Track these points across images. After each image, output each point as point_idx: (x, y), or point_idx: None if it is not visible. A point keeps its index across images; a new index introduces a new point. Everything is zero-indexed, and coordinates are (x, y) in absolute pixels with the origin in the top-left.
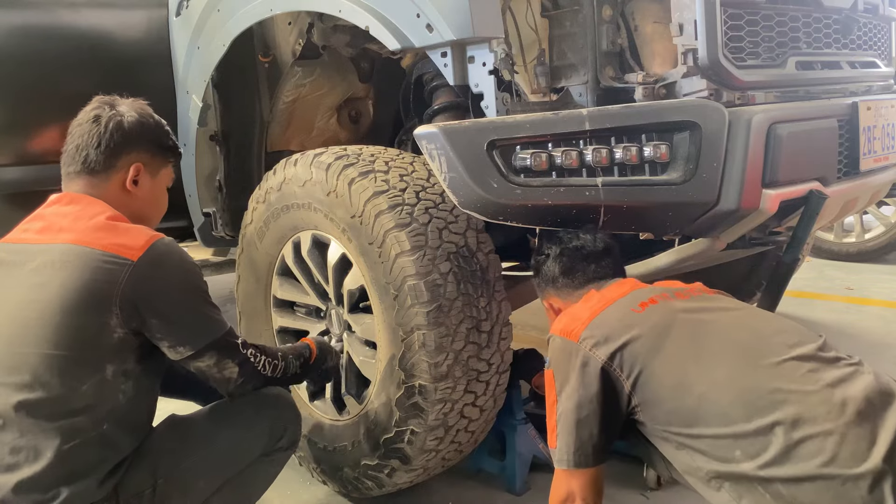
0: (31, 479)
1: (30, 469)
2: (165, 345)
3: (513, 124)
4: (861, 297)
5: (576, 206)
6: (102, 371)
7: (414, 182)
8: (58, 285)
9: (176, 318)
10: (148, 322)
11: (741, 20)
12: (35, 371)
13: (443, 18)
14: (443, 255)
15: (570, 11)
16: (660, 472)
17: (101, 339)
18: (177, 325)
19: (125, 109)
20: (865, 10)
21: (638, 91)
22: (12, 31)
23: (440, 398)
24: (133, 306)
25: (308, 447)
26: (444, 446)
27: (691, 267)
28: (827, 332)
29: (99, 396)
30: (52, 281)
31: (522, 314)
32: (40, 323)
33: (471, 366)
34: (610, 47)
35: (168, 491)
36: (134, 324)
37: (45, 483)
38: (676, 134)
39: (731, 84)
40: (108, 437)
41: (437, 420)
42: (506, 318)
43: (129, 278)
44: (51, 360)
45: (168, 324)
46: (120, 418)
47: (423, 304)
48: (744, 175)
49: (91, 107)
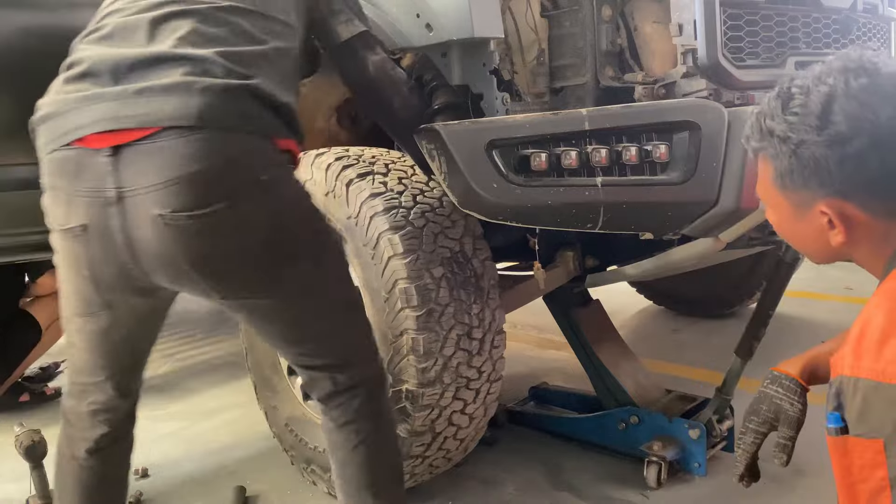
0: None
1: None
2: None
3: (512, 124)
4: (861, 296)
5: (575, 206)
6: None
7: (412, 185)
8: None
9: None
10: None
11: (740, 20)
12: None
13: (443, 18)
14: (436, 260)
15: (569, 11)
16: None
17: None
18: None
19: None
20: (865, 11)
21: (638, 91)
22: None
23: (427, 404)
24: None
25: (300, 447)
26: (432, 453)
27: (691, 267)
28: (827, 332)
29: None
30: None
31: (522, 314)
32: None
33: (460, 372)
34: (609, 47)
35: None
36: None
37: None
38: (676, 134)
39: (731, 84)
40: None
41: (423, 426)
42: (499, 327)
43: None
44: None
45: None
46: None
47: (413, 308)
48: (743, 175)
49: None
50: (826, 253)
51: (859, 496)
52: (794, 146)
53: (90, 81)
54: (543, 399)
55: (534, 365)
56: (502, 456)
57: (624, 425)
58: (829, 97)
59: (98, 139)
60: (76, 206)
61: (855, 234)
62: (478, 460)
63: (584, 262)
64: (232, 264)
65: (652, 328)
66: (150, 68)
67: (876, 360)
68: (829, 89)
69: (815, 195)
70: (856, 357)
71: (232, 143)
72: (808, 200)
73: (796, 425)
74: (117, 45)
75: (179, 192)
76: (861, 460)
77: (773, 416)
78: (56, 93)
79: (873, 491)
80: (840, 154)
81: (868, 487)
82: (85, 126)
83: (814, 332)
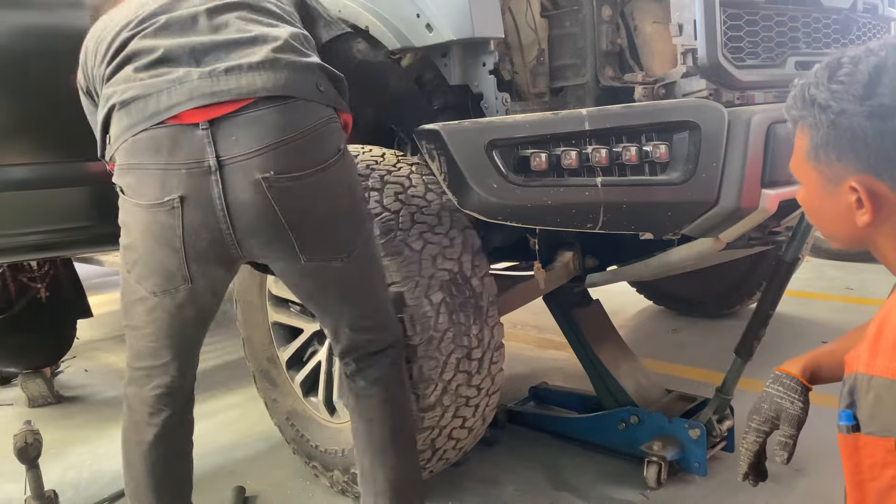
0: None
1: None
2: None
3: (512, 124)
4: (861, 296)
5: (575, 206)
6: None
7: (409, 201)
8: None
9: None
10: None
11: (741, 20)
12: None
13: (443, 18)
14: (435, 285)
15: (569, 11)
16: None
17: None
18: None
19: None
20: (865, 11)
21: (637, 91)
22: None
23: (427, 426)
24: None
25: (301, 442)
26: (432, 464)
27: (691, 267)
28: (827, 331)
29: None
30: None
31: (522, 314)
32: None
33: (460, 393)
34: (609, 47)
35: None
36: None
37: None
38: (676, 134)
39: (731, 84)
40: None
41: (424, 445)
42: (498, 343)
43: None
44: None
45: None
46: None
47: (412, 337)
48: (743, 175)
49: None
50: (849, 235)
51: (868, 495)
52: (833, 115)
53: (169, 66)
54: (543, 399)
55: (534, 365)
56: (502, 456)
57: (624, 425)
58: (879, 68)
59: (193, 114)
60: (172, 178)
61: (882, 214)
62: (478, 460)
63: (584, 262)
64: (323, 225)
65: (652, 328)
66: (230, 51)
67: (892, 358)
68: (880, 61)
69: (847, 170)
70: (871, 354)
71: (316, 112)
72: (840, 175)
73: (797, 424)
74: (182, 34)
75: (278, 156)
76: (871, 458)
77: (775, 414)
78: (129, 80)
79: (883, 490)
80: (879, 128)
81: (877, 486)
82: (179, 104)
83: (814, 332)
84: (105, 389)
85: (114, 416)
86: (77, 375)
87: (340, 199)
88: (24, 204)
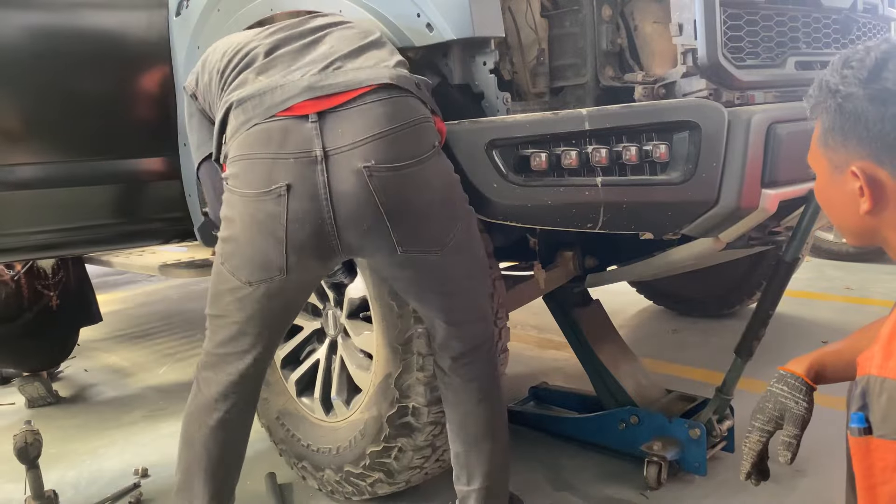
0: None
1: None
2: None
3: (513, 124)
4: (861, 296)
5: (575, 206)
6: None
7: None
8: None
9: None
10: None
11: (741, 20)
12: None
13: (443, 18)
14: None
15: (569, 11)
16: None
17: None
18: None
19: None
20: (865, 11)
21: (637, 91)
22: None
23: (432, 421)
24: None
25: (291, 442)
26: (430, 464)
27: (691, 267)
28: (827, 332)
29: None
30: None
31: (522, 314)
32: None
33: None
34: (610, 47)
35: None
36: None
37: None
38: (676, 134)
39: (731, 84)
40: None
41: (426, 441)
42: (504, 345)
43: None
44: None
45: None
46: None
47: (423, 328)
48: (743, 174)
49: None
50: (857, 226)
51: (880, 498)
52: (841, 99)
53: (286, 69)
54: (543, 399)
55: (534, 365)
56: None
57: (624, 425)
58: (887, 54)
59: (304, 106)
60: (280, 167)
61: (881, 202)
62: None
63: (584, 262)
64: (420, 217)
65: (652, 328)
66: (340, 64)
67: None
68: (889, 47)
69: (850, 156)
70: (885, 357)
71: (416, 108)
72: (845, 161)
73: (801, 424)
74: (301, 50)
75: (379, 146)
76: (883, 462)
77: (779, 414)
78: (248, 83)
79: (894, 493)
80: (881, 112)
81: (889, 490)
82: (293, 97)
83: (814, 332)
84: (105, 389)
85: (114, 416)
86: (77, 375)
87: (435, 194)
88: (37, 203)
